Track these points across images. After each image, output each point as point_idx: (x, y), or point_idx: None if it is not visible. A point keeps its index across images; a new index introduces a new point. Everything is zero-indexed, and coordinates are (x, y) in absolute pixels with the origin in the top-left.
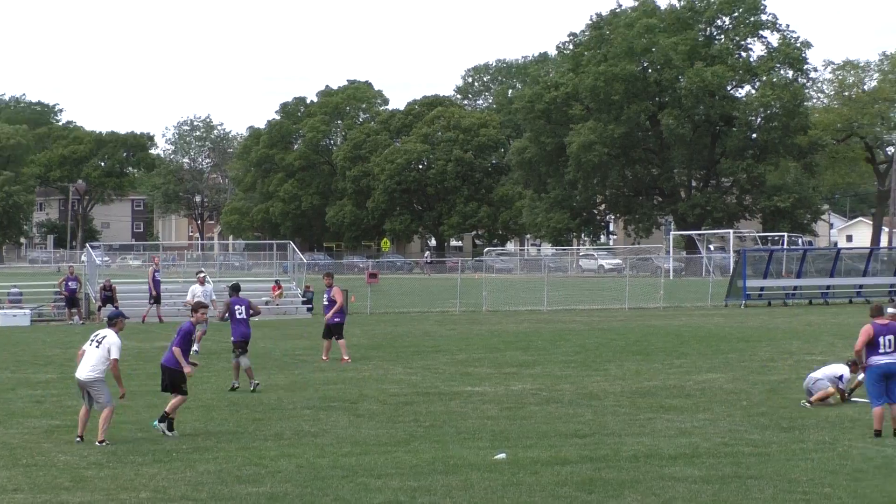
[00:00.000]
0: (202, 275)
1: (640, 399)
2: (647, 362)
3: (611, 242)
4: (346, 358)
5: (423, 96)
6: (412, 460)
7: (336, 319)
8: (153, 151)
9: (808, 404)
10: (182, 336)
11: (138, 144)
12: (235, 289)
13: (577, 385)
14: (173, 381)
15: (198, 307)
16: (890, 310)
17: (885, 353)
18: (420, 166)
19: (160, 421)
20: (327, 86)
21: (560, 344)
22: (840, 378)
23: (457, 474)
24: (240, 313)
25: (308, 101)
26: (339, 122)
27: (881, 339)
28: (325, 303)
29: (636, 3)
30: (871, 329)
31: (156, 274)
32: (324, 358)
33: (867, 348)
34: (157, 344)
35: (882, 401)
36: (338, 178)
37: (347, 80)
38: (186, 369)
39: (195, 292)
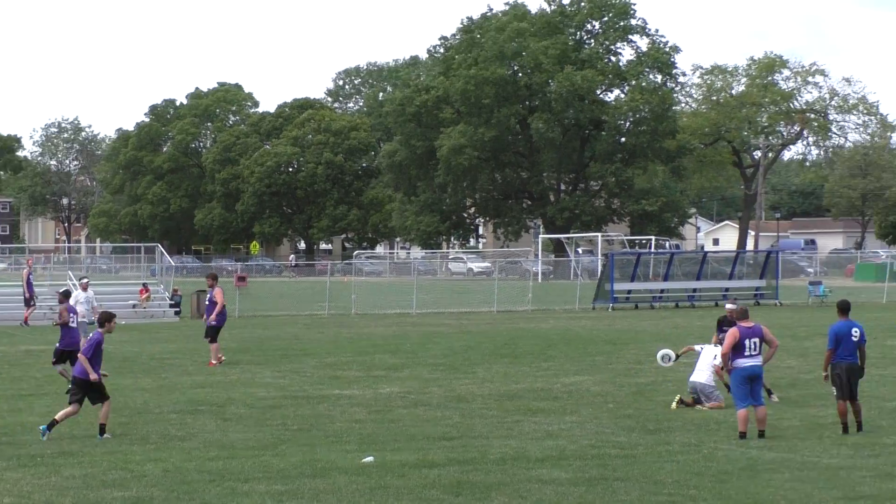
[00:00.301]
0: (84, 281)
1: (507, 402)
2: (515, 365)
3: (480, 246)
4: (213, 362)
5: (294, 99)
6: (280, 464)
7: (213, 322)
8: (20, 153)
9: (686, 404)
10: (91, 346)
11: (5, 146)
12: (66, 295)
13: (446, 388)
14: (92, 389)
15: (110, 317)
16: (729, 305)
17: (751, 356)
18: (290, 169)
19: (100, 434)
20: (197, 88)
21: (429, 347)
22: (715, 357)
23: (324, 478)
24: (73, 322)
25: (177, 103)
26: (208, 124)
27: (747, 342)
28: (207, 304)
29: (507, 8)
30: (738, 332)
31: (30, 276)
32: (213, 362)
33: (732, 351)
34: (21, 348)
35: (747, 403)
36: (207, 181)
37: (217, 83)
38: (92, 376)
39: (79, 298)
